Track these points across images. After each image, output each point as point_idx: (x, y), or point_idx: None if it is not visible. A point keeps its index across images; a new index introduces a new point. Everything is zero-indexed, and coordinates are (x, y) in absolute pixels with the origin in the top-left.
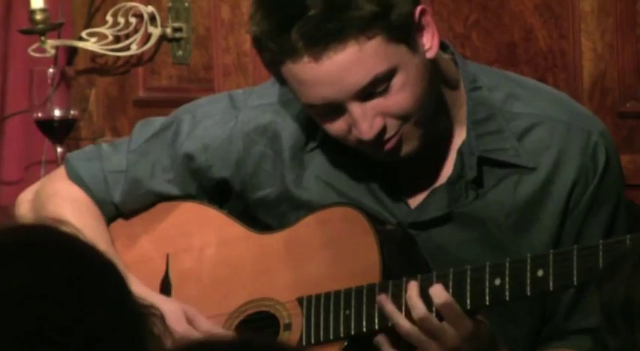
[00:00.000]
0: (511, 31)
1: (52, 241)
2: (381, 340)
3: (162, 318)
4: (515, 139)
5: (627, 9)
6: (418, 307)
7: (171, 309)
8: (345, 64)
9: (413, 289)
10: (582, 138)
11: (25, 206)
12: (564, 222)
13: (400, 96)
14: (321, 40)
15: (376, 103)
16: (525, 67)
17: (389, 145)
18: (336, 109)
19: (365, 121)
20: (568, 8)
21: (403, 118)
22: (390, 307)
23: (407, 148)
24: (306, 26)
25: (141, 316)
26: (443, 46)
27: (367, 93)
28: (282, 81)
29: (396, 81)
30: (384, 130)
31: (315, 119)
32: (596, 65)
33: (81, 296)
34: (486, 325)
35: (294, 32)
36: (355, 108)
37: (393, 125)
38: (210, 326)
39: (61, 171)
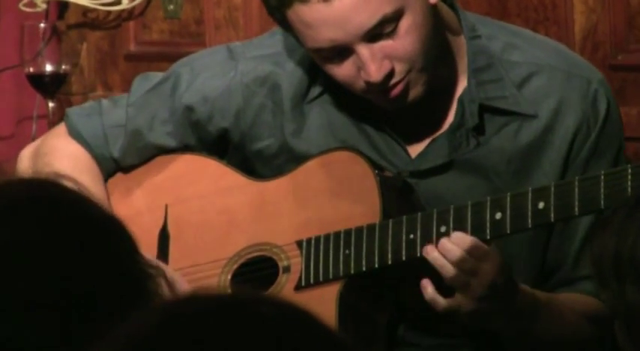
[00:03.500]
0: None
1: (52, 194)
2: (425, 283)
3: (166, 277)
4: (514, 88)
5: None
6: (452, 251)
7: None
8: (354, 4)
9: (443, 239)
10: (582, 86)
11: (25, 163)
12: (566, 169)
13: (407, 39)
14: None
15: (384, 45)
16: (516, 19)
17: (395, 91)
18: (343, 52)
19: (373, 62)
20: None
21: (410, 62)
22: (434, 254)
23: (413, 94)
24: None
25: (145, 274)
26: None
27: (375, 34)
28: (286, 27)
29: (403, 23)
30: (391, 74)
31: (320, 65)
32: (587, 18)
33: (82, 250)
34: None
35: None
36: (363, 50)
37: (399, 70)
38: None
39: (61, 127)
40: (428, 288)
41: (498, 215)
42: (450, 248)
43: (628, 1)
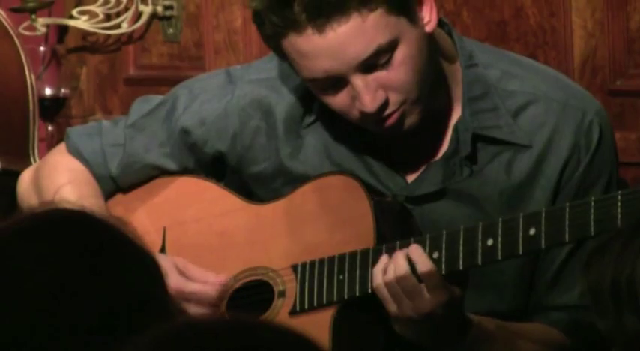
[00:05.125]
0: (501, 8)
1: (104, 229)
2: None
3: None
4: (510, 117)
5: None
6: (400, 266)
7: (161, 264)
8: (349, 36)
9: (400, 252)
10: (577, 117)
11: (24, 184)
12: (556, 196)
13: (402, 69)
14: (324, 12)
15: (378, 75)
16: (516, 44)
17: (390, 121)
18: (338, 82)
19: (368, 93)
20: None
21: (404, 92)
22: (383, 264)
23: (408, 123)
24: None
25: (173, 313)
26: (440, 23)
27: (369, 65)
28: (282, 56)
29: (398, 53)
30: (385, 104)
31: (316, 94)
32: (586, 43)
33: (128, 283)
34: (460, 292)
35: (296, 4)
36: (358, 80)
37: (394, 100)
38: (201, 273)
39: (61, 146)
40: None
41: (490, 241)
42: (398, 263)
43: (627, 26)
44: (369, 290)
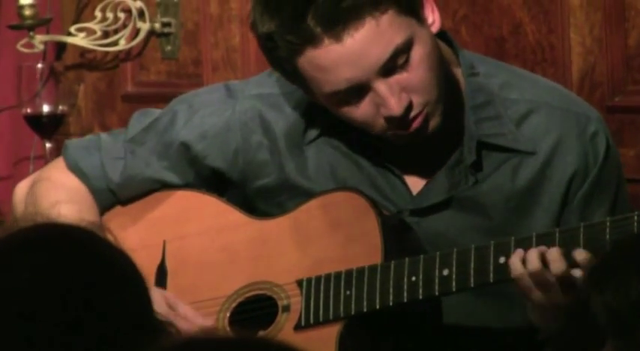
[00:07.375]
0: (500, 25)
1: (83, 239)
2: None
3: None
4: (513, 125)
5: (616, 3)
6: (533, 263)
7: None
8: (366, 40)
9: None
10: (580, 123)
11: (20, 195)
12: (564, 206)
13: (420, 69)
14: (339, 20)
15: (399, 78)
16: (514, 61)
17: (416, 124)
18: (360, 91)
19: (392, 96)
20: (557, 2)
21: (425, 92)
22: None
23: (432, 125)
24: (321, 10)
25: (160, 328)
26: (440, 34)
27: (389, 68)
28: (296, 79)
29: (415, 53)
30: (410, 107)
31: (336, 111)
32: (585, 59)
33: (112, 299)
34: None
35: (309, 19)
36: (380, 85)
37: (417, 102)
38: (191, 313)
39: (59, 161)
40: None
41: (502, 259)
42: (532, 260)
43: (625, 42)
44: (377, 307)
